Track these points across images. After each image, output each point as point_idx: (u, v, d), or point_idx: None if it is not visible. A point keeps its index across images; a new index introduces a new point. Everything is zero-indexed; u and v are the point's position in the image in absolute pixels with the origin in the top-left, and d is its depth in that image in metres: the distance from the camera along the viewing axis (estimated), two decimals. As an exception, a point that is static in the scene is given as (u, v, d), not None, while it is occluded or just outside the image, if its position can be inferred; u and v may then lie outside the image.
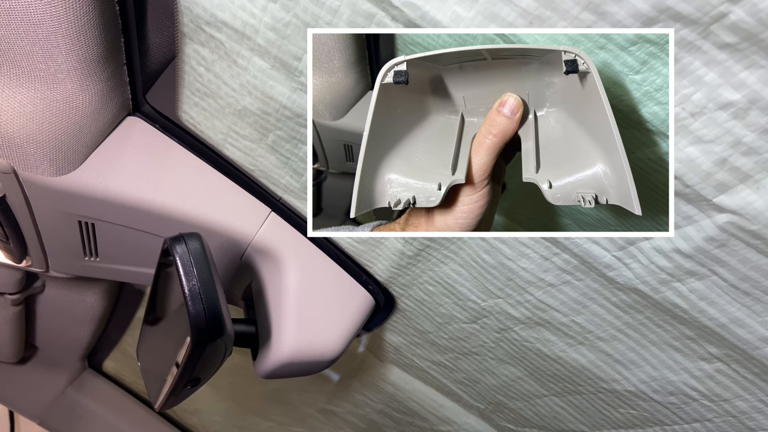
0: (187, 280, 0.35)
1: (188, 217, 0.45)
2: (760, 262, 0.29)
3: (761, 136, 0.25)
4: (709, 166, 0.27)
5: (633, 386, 0.42)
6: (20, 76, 0.36)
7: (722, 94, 0.24)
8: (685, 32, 0.23)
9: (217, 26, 0.36)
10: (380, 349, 0.66)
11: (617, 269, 0.35)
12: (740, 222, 0.28)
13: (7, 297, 0.72)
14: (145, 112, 0.45)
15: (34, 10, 0.32)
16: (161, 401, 0.42)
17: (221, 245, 0.47)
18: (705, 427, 0.40)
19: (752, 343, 0.33)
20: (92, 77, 0.38)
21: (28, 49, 0.34)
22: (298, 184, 0.46)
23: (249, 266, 0.50)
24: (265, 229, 0.48)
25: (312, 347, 0.48)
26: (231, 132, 0.44)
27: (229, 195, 0.47)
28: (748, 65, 0.23)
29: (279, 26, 0.33)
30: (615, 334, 0.39)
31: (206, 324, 0.35)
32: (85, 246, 0.50)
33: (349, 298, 0.51)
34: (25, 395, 1.01)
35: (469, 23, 0.27)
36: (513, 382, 0.53)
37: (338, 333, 0.49)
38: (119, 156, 0.43)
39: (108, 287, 0.85)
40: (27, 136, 0.38)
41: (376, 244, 0.47)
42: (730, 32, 0.23)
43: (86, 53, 0.36)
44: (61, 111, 0.38)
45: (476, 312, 0.47)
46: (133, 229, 0.47)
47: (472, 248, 0.41)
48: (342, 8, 0.30)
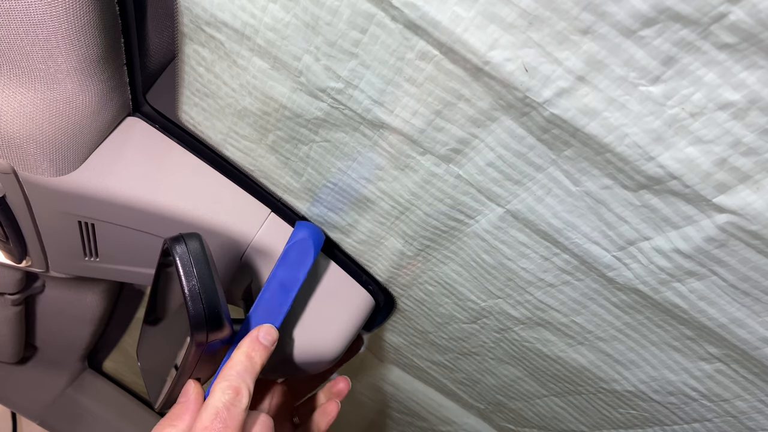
0: (187, 280, 0.35)
1: (188, 217, 0.45)
2: (760, 262, 0.29)
3: (761, 136, 0.25)
4: (709, 166, 0.27)
5: (633, 386, 0.42)
6: (20, 76, 0.36)
7: (722, 94, 0.24)
8: (684, 32, 0.23)
9: (217, 26, 0.36)
10: (380, 349, 0.66)
11: (617, 269, 0.35)
12: (740, 222, 0.28)
13: (7, 297, 0.72)
14: (145, 112, 0.45)
15: (34, 11, 0.32)
16: (161, 401, 0.42)
17: (221, 245, 0.47)
18: (705, 427, 0.40)
19: (752, 343, 0.33)
20: (92, 77, 0.38)
21: (28, 50, 0.34)
22: (298, 184, 0.46)
23: (249, 266, 0.50)
24: (265, 229, 0.48)
25: (312, 347, 0.48)
26: (231, 132, 0.44)
27: (229, 195, 0.47)
28: (748, 65, 0.23)
29: (279, 26, 0.33)
30: (615, 334, 0.39)
31: (206, 324, 0.35)
32: (85, 246, 0.50)
33: (349, 298, 0.51)
34: (25, 395, 1.01)
35: (469, 24, 0.27)
36: (513, 382, 0.53)
37: (338, 333, 0.49)
38: (119, 156, 0.43)
39: (108, 287, 0.85)
40: (27, 136, 0.38)
41: (375, 244, 0.47)
42: (730, 32, 0.23)
43: (86, 53, 0.36)
44: (61, 111, 0.38)
45: (476, 312, 0.47)
46: (133, 229, 0.47)
47: (472, 248, 0.41)
48: (342, 8, 0.30)
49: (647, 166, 0.28)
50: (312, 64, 0.34)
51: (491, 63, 0.28)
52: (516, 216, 0.36)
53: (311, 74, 0.35)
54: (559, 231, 0.35)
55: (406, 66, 0.31)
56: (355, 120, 0.36)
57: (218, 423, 0.34)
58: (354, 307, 0.51)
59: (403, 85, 0.32)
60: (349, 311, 0.50)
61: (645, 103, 0.26)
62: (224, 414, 0.34)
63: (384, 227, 0.45)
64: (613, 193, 0.31)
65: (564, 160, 0.31)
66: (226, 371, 0.37)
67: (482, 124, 0.32)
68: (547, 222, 0.35)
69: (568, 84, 0.27)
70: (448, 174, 0.36)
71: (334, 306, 0.50)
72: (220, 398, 0.35)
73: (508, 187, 0.35)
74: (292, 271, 0.44)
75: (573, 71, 0.26)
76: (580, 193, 0.32)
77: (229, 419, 0.34)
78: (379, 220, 0.44)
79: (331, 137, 0.39)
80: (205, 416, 0.34)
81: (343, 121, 0.37)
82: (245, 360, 0.38)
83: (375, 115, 0.35)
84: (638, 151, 0.28)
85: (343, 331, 0.49)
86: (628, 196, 0.31)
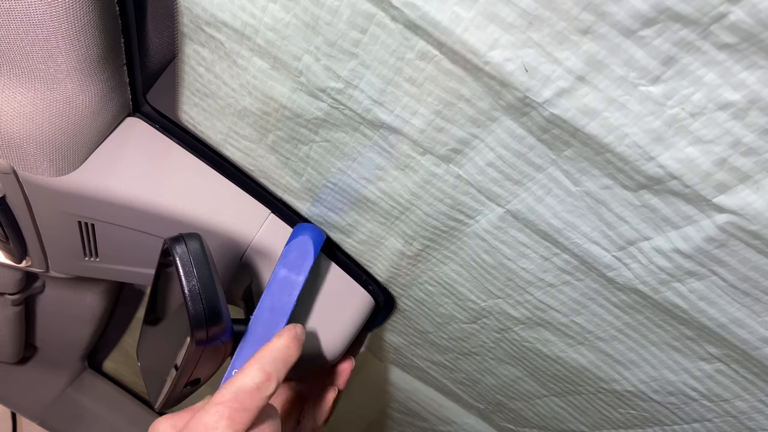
0: (187, 280, 0.35)
1: (188, 217, 0.45)
2: (760, 262, 0.29)
3: (761, 136, 0.25)
4: (709, 166, 0.27)
5: (633, 386, 0.42)
6: (20, 77, 0.36)
7: (722, 94, 0.24)
8: (684, 32, 0.23)
9: (217, 27, 0.36)
10: (380, 349, 0.66)
11: (617, 269, 0.35)
12: (740, 222, 0.28)
13: (7, 297, 0.72)
14: (145, 112, 0.45)
15: (34, 11, 0.32)
16: (161, 401, 0.42)
17: (221, 245, 0.47)
18: (705, 427, 0.40)
19: (752, 343, 0.33)
20: (92, 77, 0.38)
21: (28, 50, 0.34)
22: (298, 184, 0.46)
23: (249, 267, 0.50)
24: (264, 229, 0.48)
25: (312, 348, 0.48)
26: (231, 132, 0.44)
27: (228, 196, 0.47)
28: (748, 65, 0.23)
29: (279, 26, 0.33)
30: (615, 334, 0.39)
31: (206, 324, 0.35)
32: (85, 246, 0.50)
33: (349, 298, 0.51)
34: (25, 395, 1.01)
35: (469, 24, 0.27)
36: (513, 382, 0.53)
37: (338, 333, 0.49)
38: (119, 156, 0.43)
39: (108, 287, 0.85)
40: (27, 136, 0.38)
41: (375, 244, 0.47)
42: (730, 32, 0.23)
43: (86, 53, 0.36)
44: (61, 111, 0.38)
45: (476, 312, 0.47)
46: (133, 229, 0.47)
47: (472, 248, 0.41)
48: (342, 8, 0.30)
49: (647, 166, 0.28)
50: (312, 64, 0.34)
51: (491, 63, 0.28)
52: (516, 216, 0.36)
53: (311, 74, 0.35)
54: (559, 231, 0.35)
55: (406, 66, 0.31)
56: (355, 120, 0.36)
57: (236, 403, 0.31)
58: (354, 307, 0.51)
59: (403, 85, 0.32)
60: (350, 311, 0.50)
61: (645, 103, 0.26)
62: (245, 395, 0.31)
63: (384, 227, 0.45)
64: (613, 193, 0.31)
65: (564, 160, 0.31)
66: (263, 353, 0.34)
67: (482, 124, 0.32)
68: (547, 222, 0.35)
69: (568, 84, 0.27)
70: (448, 174, 0.36)
71: (335, 306, 0.50)
72: (250, 378, 0.32)
73: (508, 187, 0.35)
74: (294, 271, 0.44)
75: (573, 71, 0.26)
76: (580, 193, 0.32)
77: (249, 402, 0.31)
78: (379, 220, 0.44)
79: (331, 137, 0.39)
80: (226, 392, 0.32)
81: (343, 121, 0.37)
82: (284, 349, 0.35)
83: (375, 115, 0.35)
84: (638, 151, 0.28)
85: (344, 332, 0.49)
86: (628, 196, 0.31)
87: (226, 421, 0.30)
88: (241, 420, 0.31)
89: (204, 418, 0.31)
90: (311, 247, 0.45)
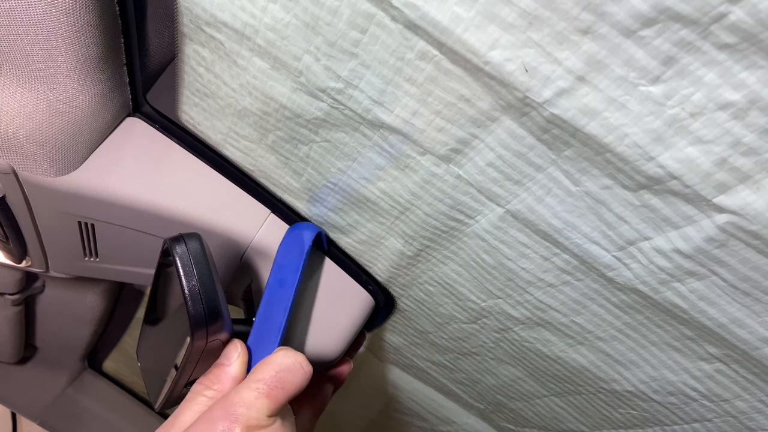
0: (187, 280, 0.35)
1: (188, 217, 0.45)
2: (760, 262, 0.29)
3: (761, 136, 0.25)
4: (709, 166, 0.27)
5: (633, 386, 0.42)
6: (20, 77, 0.36)
7: (722, 94, 0.24)
8: (684, 32, 0.23)
9: (216, 27, 0.36)
10: (380, 349, 0.66)
11: (617, 269, 0.35)
12: (740, 222, 0.28)
13: (7, 297, 0.72)
14: (145, 112, 0.45)
15: (34, 11, 0.32)
16: (161, 401, 0.42)
17: (221, 245, 0.47)
18: (705, 427, 0.40)
19: (752, 343, 0.33)
20: (92, 77, 0.38)
21: (28, 50, 0.34)
22: (298, 184, 0.46)
23: (249, 267, 0.50)
24: (264, 229, 0.48)
25: (312, 348, 0.48)
26: (231, 132, 0.44)
27: (228, 196, 0.47)
28: (748, 65, 0.23)
29: (279, 27, 0.33)
30: (615, 334, 0.39)
31: (206, 324, 0.35)
32: (85, 246, 0.50)
33: (349, 298, 0.51)
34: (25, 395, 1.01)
35: (469, 24, 0.27)
36: (513, 382, 0.53)
37: (338, 333, 0.49)
38: (119, 156, 0.43)
39: (108, 287, 0.85)
40: (27, 136, 0.38)
41: (375, 244, 0.47)
42: (730, 32, 0.23)
43: (86, 53, 0.36)
44: (61, 111, 0.38)
45: (476, 312, 0.47)
46: (133, 229, 0.47)
47: (472, 248, 0.41)
48: (342, 8, 0.30)
49: (647, 166, 0.28)
50: (312, 64, 0.34)
51: (491, 63, 0.28)
52: (516, 216, 0.36)
53: (311, 74, 0.35)
54: (559, 231, 0.35)
55: (406, 66, 0.31)
56: (355, 120, 0.36)
57: (276, 381, 0.29)
58: (354, 307, 0.51)
59: (403, 85, 0.32)
60: (350, 311, 0.50)
61: (645, 103, 0.26)
62: (286, 375, 0.30)
63: (384, 227, 0.45)
64: (613, 193, 0.31)
65: (564, 160, 0.31)
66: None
67: (482, 124, 0.32)
68: (547, 222, 0.35)
69: (568, 84, 0.27)
70: (448, 174, 0.36)
71: (334, 306, 0.50)
72: (290, 358, 0.31)
73: (508, 187, 0.35)
74: (289, 266, 0.44)
75: (573, 71, 0.26)
76: (580, 193, 0.32)
77: (290, 384, 0.30)
78: (379, 220, 0.44)
79: (331, 137, 0.39)
80: (267, 369, 0.30)
81: (343, 121, 0.37)
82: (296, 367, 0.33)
83: (375, 115, 0.35)
84: (638, 151, 0.28)
85: (344, 332, 0.49)
86: (628, 196, 0.31)
87: (265, 400, 0.29)
88: (278, 399, 0.30)
89: (243, 393, 0.30)
90: (304, 240, 0.45)
